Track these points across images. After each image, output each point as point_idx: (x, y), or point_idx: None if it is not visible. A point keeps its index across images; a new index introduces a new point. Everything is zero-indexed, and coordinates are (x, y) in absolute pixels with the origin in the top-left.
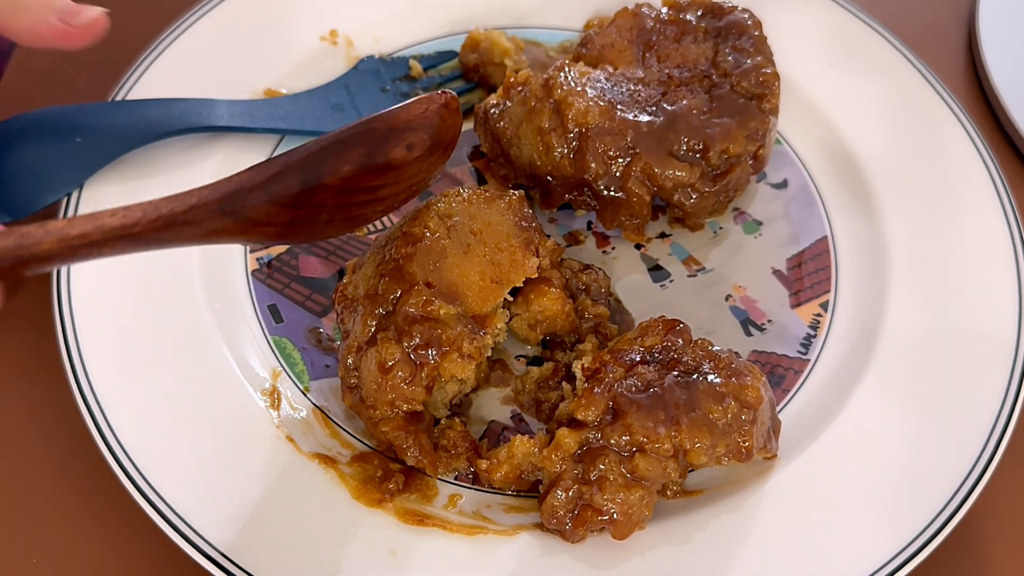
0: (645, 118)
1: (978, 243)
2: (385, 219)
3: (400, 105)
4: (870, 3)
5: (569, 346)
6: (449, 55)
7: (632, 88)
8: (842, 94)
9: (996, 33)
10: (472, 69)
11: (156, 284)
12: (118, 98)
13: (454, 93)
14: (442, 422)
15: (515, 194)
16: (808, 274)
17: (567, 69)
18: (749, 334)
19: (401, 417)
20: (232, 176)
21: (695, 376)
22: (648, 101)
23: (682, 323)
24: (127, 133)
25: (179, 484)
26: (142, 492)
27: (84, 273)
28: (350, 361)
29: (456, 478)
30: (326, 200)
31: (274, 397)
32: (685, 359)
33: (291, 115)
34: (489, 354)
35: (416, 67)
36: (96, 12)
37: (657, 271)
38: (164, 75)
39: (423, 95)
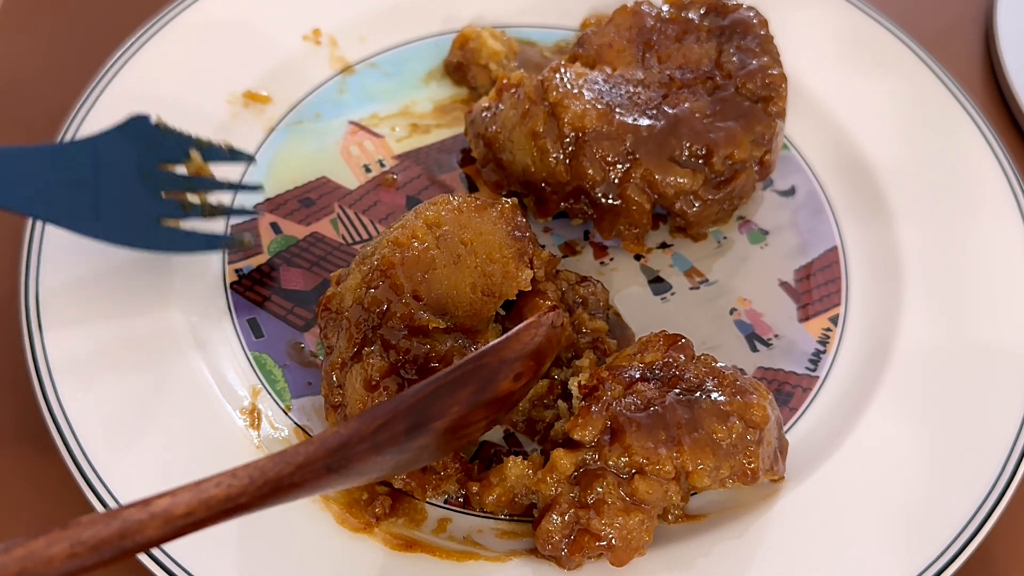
0: (645, 122)
1: (996, 253)
2: (370, 228)
3: (511, 334)
4: (882, 0)
5: (565, 362)
6: (244, 157)
7: (631, 90)
8: (853, 96)
9: (1015, 31)
10: (455, 68)
11: (130, 296)
12: (86, 105)
13: (562, 311)
14: None
15: (508, 202)
16: (817, 286)
17: (563, 70)
18: (755, 350)
19: None
20: (338, 428)
21: (698, 394)
22: (648, 104)
23: (684, 338)
24: None
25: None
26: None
27: (53, 281)
28: (334, 378)
29: (446, 501)
30: (430, 442)
31: (254, 416)
32: (687, 376)
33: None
34: None
35: (196, 159)
36: None
37: (658, 283)
38: (136, 78)
39: (533, 318)
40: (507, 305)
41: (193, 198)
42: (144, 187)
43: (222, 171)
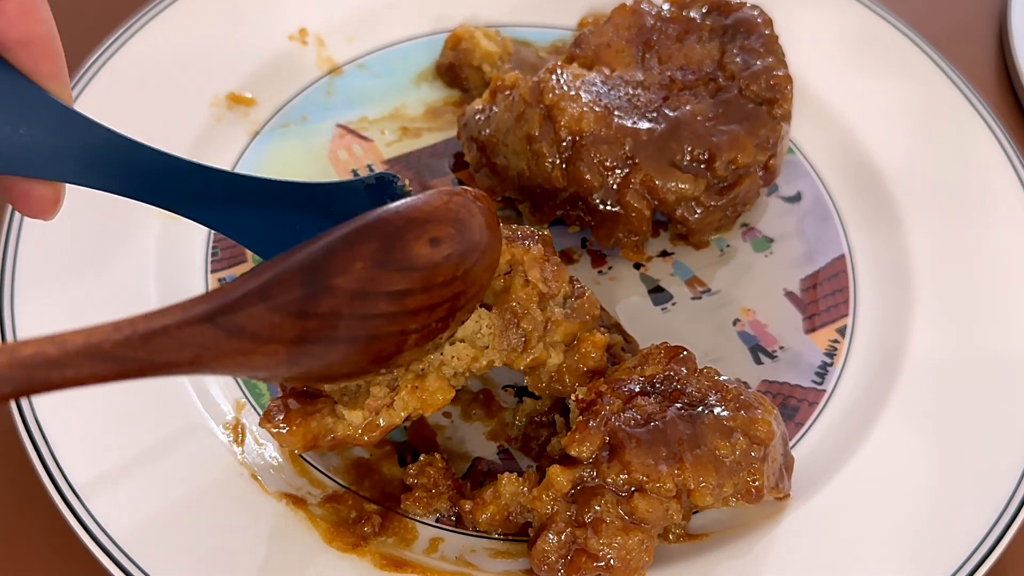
0: (645, 125)
1: (1010, 261)
2: None
3: (417, 196)
4: None
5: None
6: None
7: (631, 92)
8: (861, 98)
9: None
10: (448, 69)
11: (107, 304)
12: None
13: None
14: (421, 458)
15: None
16: (824, 296)
17: (559, 71)
18: (759, 362)
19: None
20: (223, 286)
21: (700, 409)
22: (648, 106)
23: (686, 350)
24: None
25: (132, 526)
26: (91, 534)
27: (26, 290)
28: None
29: (437, 520)
30: (340, 307)
31: (237, 431)
32: (689, 390)
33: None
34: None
35: None
36: None
37: (658, 293)
38: (114, 80)
39: (445, 188)
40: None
41: None
42: None
43: None
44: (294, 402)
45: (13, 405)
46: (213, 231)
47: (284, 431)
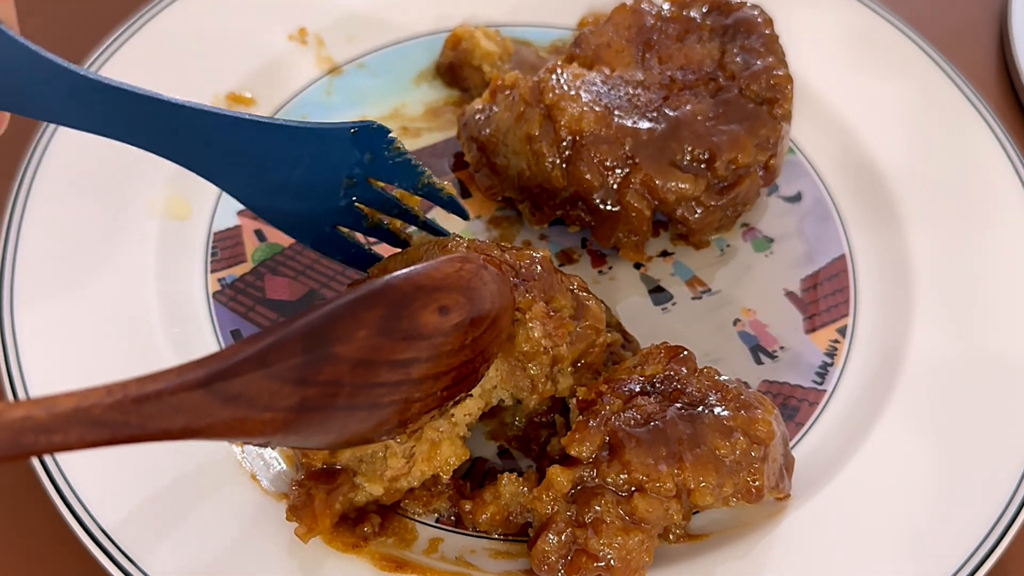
0: (645, 125)
1: (1011, 261)
2: (358, 235)
3: (427, 263)
4: None
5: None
6: (462, 212)
7: (631, 92)
8: (861, 98)
9: None
10: (447, 69)
11: (107, 305)
12: None
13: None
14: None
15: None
16: (824, 296)
17: (559, 71)
18: (759, 362)
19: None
20: (220, 351)
21: (700, 408)
22: (648, 106)
23: (686, 350)
24: None
25: (131, 527)
26: (90, 533)
27: (26, 289)
28: None
29: (437, 520)
30: (341, 376)
31: None
32: (689, 390)
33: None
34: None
35: (411, 200)
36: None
37: (658, 293)
38: (112, 77)
39: (456, 255)
40: None
41: (386, 221)
42: (342, 189)
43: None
44: (314, 485)
45: None
46: (213, 234)
47: (313, 525)
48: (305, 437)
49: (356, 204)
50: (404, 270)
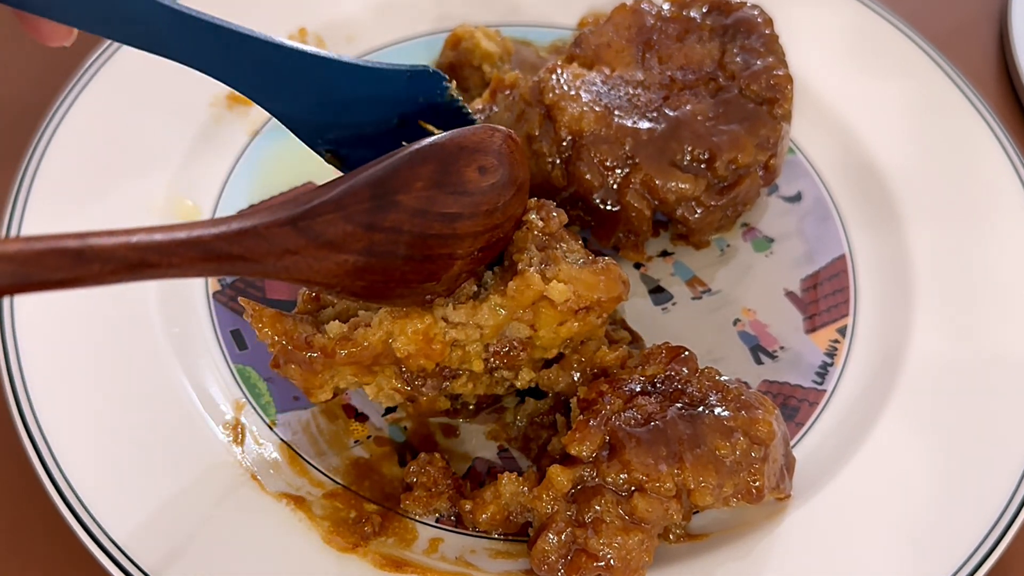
0: (645, 125)
1: (1011, 261)
2: None
3: (464, 128)
4: None
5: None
6: None
7: (631, 92)
8: (861, 98)
9: None
10: (447, 69)
11: (108, 306)
12: (64, 106)
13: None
14: (421, 457)
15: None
16: (824, 296)
17: (559, 71)
18: (759, 362)
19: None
20: (302, 193)
21: (701, 409)
22: (648, 106)
23: (687, 350)
24: None
25: (132, 526)
26: (90, 533)
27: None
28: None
29: (438, 520)
30: (402, 223)
31: (237, 431)
32: (690, 390)
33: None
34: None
35: None
36: None
37: (658, 293)
38: (115, 78)
39: (486, 124)
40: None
41: None
42: (393, 128)
43: None
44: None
45: (13, 405)
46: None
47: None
48: (370, 283)
49: (404, 144)
50: (446, 132)
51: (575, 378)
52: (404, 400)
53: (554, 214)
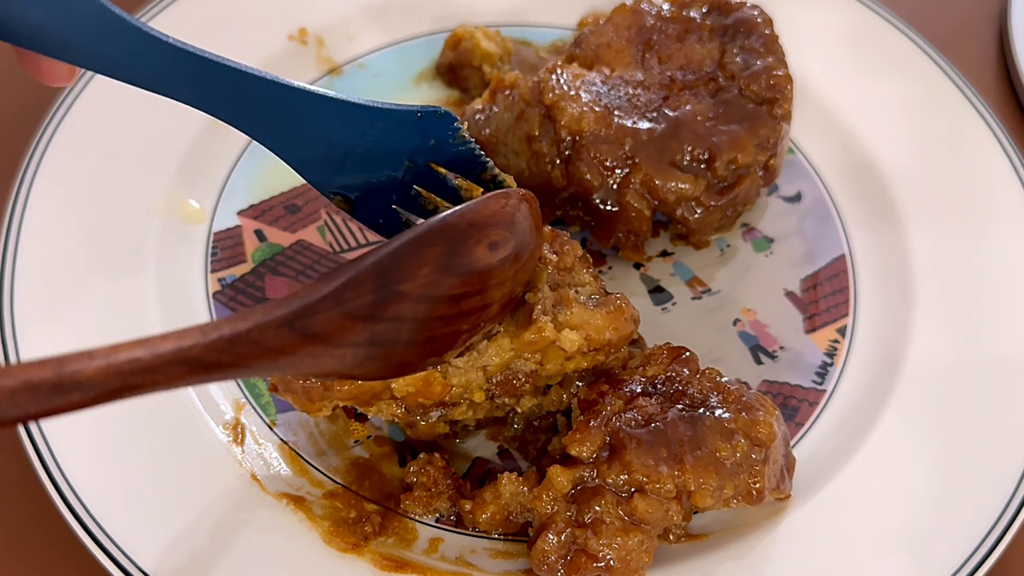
0: (645, 125)
1: (1010, 261)
2: (359, 235)
3: (475, 200)
4: None
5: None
6: None
7: (631, 92)
8: (861, 98)
9: None
10: (447, 69)
11: (107, 306)
12: (63, 107)
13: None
14: (421, 456)
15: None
16: (824, 296)
17: (559, 71)
18: (759, 362)
19: None
20: (298, 290)
21: (701, 410)
22: (648, 106)
23: (688, 351)
24: None
25: (132, 527)
26: (91, 533)
27: (29, 293)
28: None
29: (438, 520)
30: (405, 312)
31: (237, 431)
32: (691, 391)
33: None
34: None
35: (474, 191)
36: None
37: (658, 293)
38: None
39: (498, 191)
40: None
41: (443, 208)
42: (403, 170)
43: None
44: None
45: None
46: (213, 234)
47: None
48: (369, 370)
49: (415, 188)
50: (457, 207)
51: (575, 387)
52: (404, 425)
53: (567, 247)
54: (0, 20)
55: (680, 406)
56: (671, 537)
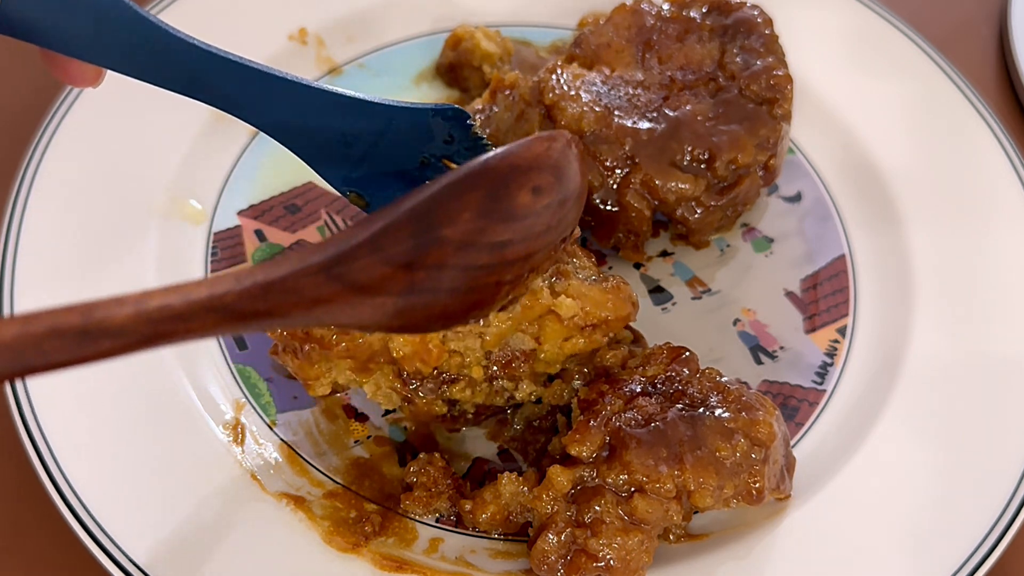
0: (645, 125)
1: (1011, 261)
2: None
3: (518, 142)
4: None
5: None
6: None
7: (631, 92)
8: (861, 98)
9: None
10: (447, 69)
11: None
12: (63, 106)
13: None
14: (421, 456)
15: None
16: (824, 296)
17: (559, 71)
18: (759, 362)
19: None
20: (334, 235)
21: (701, 410)
22: (648, 106)
23: (689, 351)
24: None
25: (132, 527)
26: (90, 533)
27: (25, 289)
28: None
29: (438, 520)
30: (446, 259)
31: (237, 431)
32: (691, 391)
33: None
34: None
35: None
36: None
37: (658, 293)
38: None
39: (543, 133)
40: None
41: None
42: (416, 167)
43: None
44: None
45: (13, 405)
46: (213, 235)
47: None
48: (409, 320)
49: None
50: (499, 150)
51: (575, 385)
52: (401, 401)
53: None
54: (30, 24)
55: (680, 406)
56: (671, 537)
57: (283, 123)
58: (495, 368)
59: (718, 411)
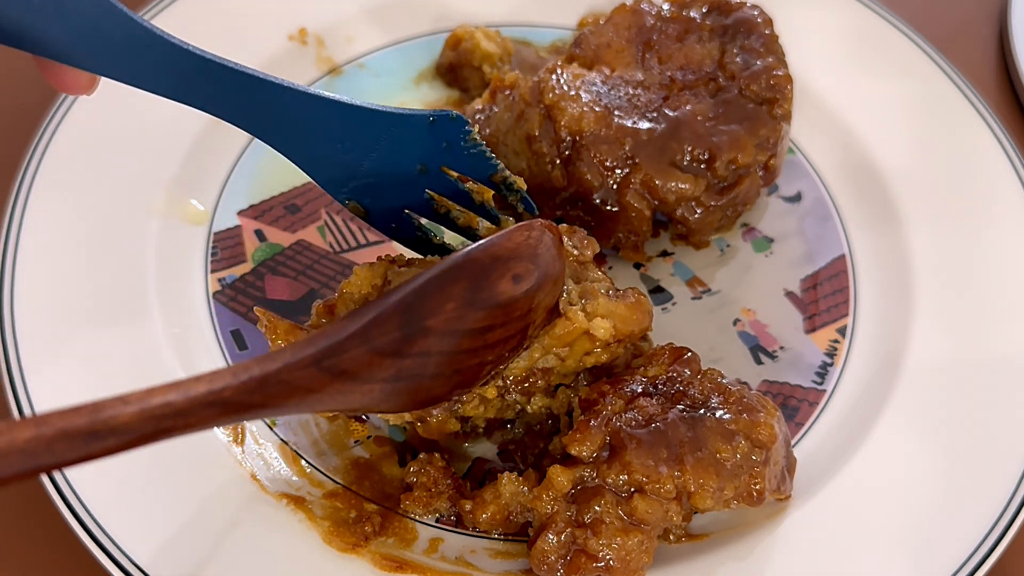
0: (645, 125)
1: (1011, 262)
2: (359, 235)
3: (499, 233)
4: None
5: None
6: (533, 211)
7: (631, 92)
8: (861, 98)
9: None
10: (447, 69)
11: (107, 306)
12: (63, 107)
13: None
14: (421, 456)
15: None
16: (824, 296)
17: (559, 71)
18: (759, 362)
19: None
20: (325, 328)
21: (702, 411)
22: (648, 106)
23: (690, 352)
24: None
25: (133, 527)
26: (90, 533)
27: (29, 291)
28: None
29: (438, 520)
30: (431, 347)
31: (237, 431)
32: (692, 392)
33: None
34: None
35: (485, 194)
36: None
37: (658, 293)
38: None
39: (522, 222)
40: None
41: (456, 212)
42: (414, 174)
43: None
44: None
45: (13, 406)
46: (213, 234)
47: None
48: (396, 403)
49: (427, 192)
50: (481, 242)
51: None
52: (414, 420)
53: (586, 241)
54: (24, 32)
55: (681, 407)
56: (671, 537)
57: (279, 130)
58: (510, 387)
59: (719, 412)
